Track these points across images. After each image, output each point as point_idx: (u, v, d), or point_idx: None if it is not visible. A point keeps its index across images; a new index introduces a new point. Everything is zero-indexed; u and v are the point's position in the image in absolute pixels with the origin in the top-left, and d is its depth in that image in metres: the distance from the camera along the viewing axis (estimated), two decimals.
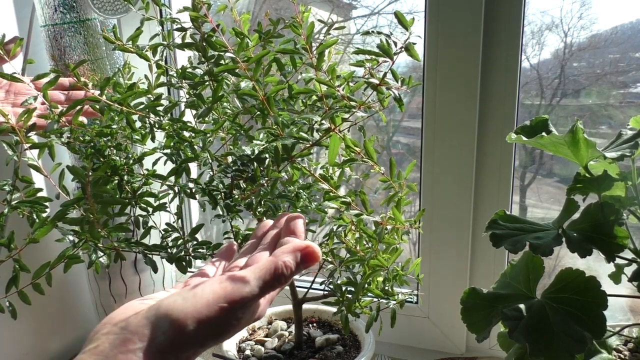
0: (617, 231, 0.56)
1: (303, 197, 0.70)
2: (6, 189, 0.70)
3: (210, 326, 0.36)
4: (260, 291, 0.38)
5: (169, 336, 0.35)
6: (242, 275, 0.39)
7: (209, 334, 0.37)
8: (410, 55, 0.56)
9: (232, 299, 0.37)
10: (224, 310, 0.37)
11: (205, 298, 0.37)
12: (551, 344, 0.54)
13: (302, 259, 0.41)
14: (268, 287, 0.39)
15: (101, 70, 0.90)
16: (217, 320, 0.37)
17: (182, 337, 0.36)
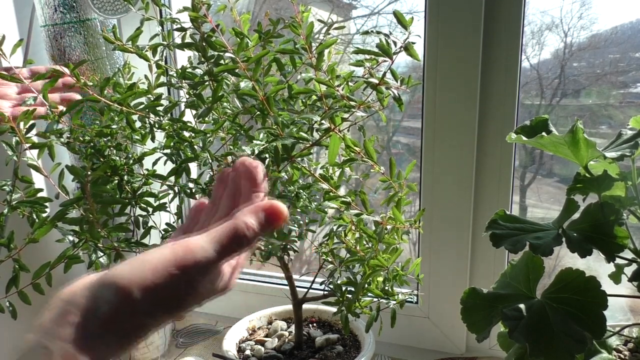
0: (617, 231, 0.56)
1: (303, 197, 0.70)
2: (6, 189, 0.70)
3: (158, 295, 0.33)
4: (218, 255, 0.35)
5: (114, 305, 0.32)
6: (196, 239, 0.35)
7: (158, 303, 0.33)
8: (409, 54, 0.56)
9: (184, 264, 0.34)
10: (174, 276, 0.33)
11: (154, 264, 0.33)
12: (551, 344, 0.54)
13: (267, 219, 0.37)
14: (227, 251, 0.35)
15: (101, 70, 0.90)
16: (166, 289, 0.33)
17: (128, 306, 0.32)
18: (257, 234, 0.36)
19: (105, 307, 0.32)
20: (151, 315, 0.34)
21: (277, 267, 0.79)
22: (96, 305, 0.32)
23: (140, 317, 0.33)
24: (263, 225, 0.36)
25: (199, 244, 0.35)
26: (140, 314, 0.33)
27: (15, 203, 0.69)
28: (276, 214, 0.37)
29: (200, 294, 0.36)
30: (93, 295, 0.33)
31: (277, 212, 0.37)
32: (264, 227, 0.36)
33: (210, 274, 0.36)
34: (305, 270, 1.34)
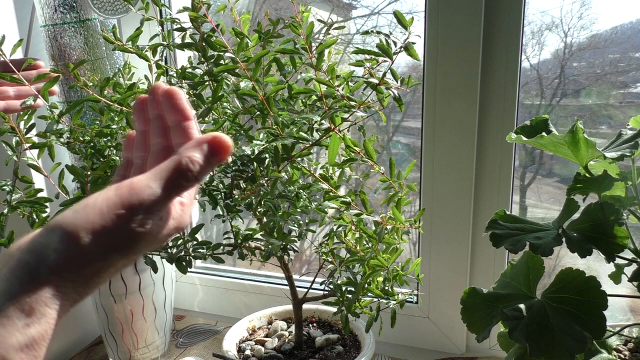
0: (617, 231, 0.56)
1: (303, 197, 0.70)
2: (6, 189, 0.70)
3: (109, 236, 0.32)
4: (165, 192, 0.34)
5: (61, 252, 0.31)
6: (139, 178, 0.34)
7: (110, 246, 0.32)
8: (409, 54, 0.56)
9: (130, 204, 0.33)
10: (122, 217, 0.32)
11: (99, 207, 0.32)
12: (551, 344, 0.54)
13: (211, 151, 0.36)
14: (174, 187, 0.35)
15: (101, 70, 0.90)
16: (115, 230, 0.32)
17: (77, 251, 0.31)
18: (202, 167, 0.35)
19: (53, 255, 0.31)
20: (105, 258, 0.33)
21: (277, 267, 0.79)
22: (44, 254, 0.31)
23: (94, 261, 0.32)
24: (208, 157, 0.36)
25: (144, 182, 0.34)
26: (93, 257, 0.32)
27: (15, 203, 0.69)
28: (220, 145, 0.36)
29: (151, 233, 0.35)
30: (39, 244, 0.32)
31: (220, 143, 0.36)
32: (209, 160, 0.36)
33: (159, 212, 0.35)
34: (305, 270, 1.34)
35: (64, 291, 0.31)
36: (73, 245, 0.31)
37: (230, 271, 1.20)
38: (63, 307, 0.31)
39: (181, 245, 0.72)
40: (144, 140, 0.41)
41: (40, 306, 0.30)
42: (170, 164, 0.35)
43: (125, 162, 0.43)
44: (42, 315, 0.30)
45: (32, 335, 0.29)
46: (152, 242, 0.35)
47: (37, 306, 0.30)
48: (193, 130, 0.39)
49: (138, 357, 1.01)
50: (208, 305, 1.20)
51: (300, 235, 0.74)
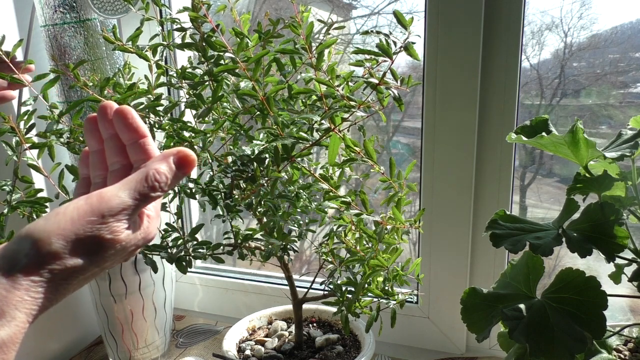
0: (617, 231, 0.56)
1: (303, 197, 0.70)
2: (6, 189, 0.70)
3: (79, 243, 0.33)
4: (133, 202, 0.36)
5: (32, 257, 0.32)
6: (109, 189, 0.36)
7: (80, 252, 0.33)
8: (409, 54, 0.56)
9: (100, 211, 0.34)
10: (92, 224, 0.34)
11: (69, 215, 0.34)
12: (551, 344, 0.54)
13: (177, 164, 0.38)
14: (142, 198, 0.36)
15: (101, 70, 0.90)
16: (86, 236, 0.33)
17: (48, 257, 0.32)
18: (169, 179, 0.38)
19: (24, 260, 0.32)
20: (75, 265, 0.34)
21: (277, 267, 0.79)
22: (16, 259, 0.32)
23: (64, 267, 0.33)
24: (173, 170, 0.38)
25: (113, 192, 0.35)
26: (63, 263, 0.33)
27: (15, 203, 0.69)
28: (185, 158, 0.38)
29: (120, 241, 0.36)
30: (11, 251, 0.32)
31: (185, 157, 0.38)
32: (175, 173, 0.38)
33: (127, 221, 0.36)
34: (305, 270, 1.34)
35: (34, 296, 0.32)
36: (44, 251, 0.32)
37: (230, 271, 1.20)
38: (32, 312, 0.32)
39: (181, 245, 0.72)
40: (101, 159, 0.42)
41: (11, 309, 0.31)
42: (138, 176, 0.37)
43: (83, 180, 0.43)
44: (12, 318, 0.31)
45: (1, 337, 0.30)
46: (121, 251, 0.36)
47: (8, 309, 0.30)
48: (151, 147, 0.40)
49: (138, 357, 1.01)
50: (208, 305, 1.20)
51: (300, 235, 0.74)
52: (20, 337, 0.31)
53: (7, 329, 0.30)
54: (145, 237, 0.39)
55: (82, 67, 0.88)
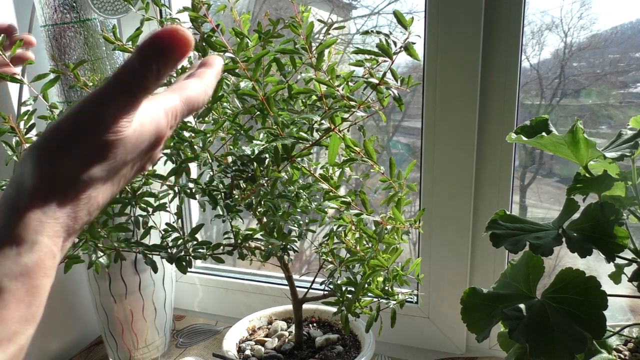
0: (617, 231, 0.56)
1: (303, 197, 0.70)
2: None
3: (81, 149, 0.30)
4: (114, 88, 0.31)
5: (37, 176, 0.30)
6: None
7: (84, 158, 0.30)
8: (409, 54, 0.56)
9: (86, 106, 0.31)
10: (87, 124, 0.30)
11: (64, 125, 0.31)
12: (551, 344, 0.54)
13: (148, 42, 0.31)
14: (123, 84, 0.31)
15: (101, 70, 0.90)
16: (86, 140, 0.30)
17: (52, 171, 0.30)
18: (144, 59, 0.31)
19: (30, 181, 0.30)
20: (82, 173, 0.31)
21: (277, 267, 0.79)
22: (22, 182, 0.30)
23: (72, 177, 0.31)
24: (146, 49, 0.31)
25: (97, 88, 0.32)
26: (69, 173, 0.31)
27: None
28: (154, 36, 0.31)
29: (124, 139, 0.32)
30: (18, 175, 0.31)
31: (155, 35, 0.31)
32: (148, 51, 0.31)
33: (119, 113, 0.32)
34: (305, 270, 1.34)
35: (54, 215, 0.30)
36: (47, 166, 0.30)
37: (230, 271, 1.20)
38: (57, 234, 0.30)
39: (181, 245, 0.72)
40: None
41: (30, 234, 0.29)
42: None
43: None
44: (33, 243, 0.29)
45: (25, 264, 0.29)
46: (132, 152, 0.33)
47: (26, 235, 0.29)
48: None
49: (138, 357, 1.01)
50: (208, 305, 1.20)
51: (300, 235, 0.74)
52: (49, 262, 0.30)
53: (31, 255, 0.29)
54: (158, 132, 0.35)
55: (82, 67, 0.88)
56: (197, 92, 0.37)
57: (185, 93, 0.36)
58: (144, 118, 0.33)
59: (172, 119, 0.36)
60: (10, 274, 0.28)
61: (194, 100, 0.37)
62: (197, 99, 0.37)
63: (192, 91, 0.37)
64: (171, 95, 0.36)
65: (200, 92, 0.37)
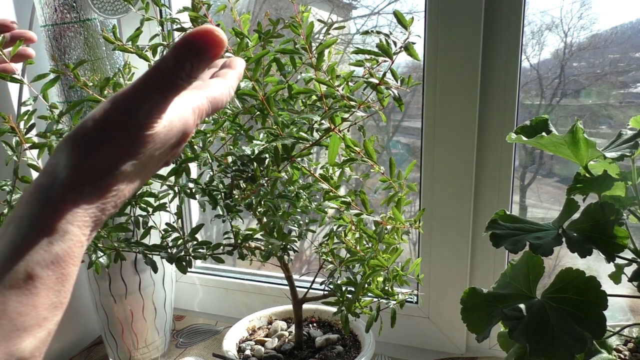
0: (617, 231, 0.56)
1: (303, 197, 0.70)
2: (6, 189, 0.70)
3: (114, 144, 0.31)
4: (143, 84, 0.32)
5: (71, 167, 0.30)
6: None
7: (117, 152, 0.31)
8: (409, 54, 0.56)
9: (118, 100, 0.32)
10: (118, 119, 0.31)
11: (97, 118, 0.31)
12: (551, 344, 0.54)
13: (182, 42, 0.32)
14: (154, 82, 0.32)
15: (101, 70, 0.90)
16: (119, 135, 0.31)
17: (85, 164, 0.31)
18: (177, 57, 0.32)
19: (64, 172, 0.31)
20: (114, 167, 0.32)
21: (277, 267, 0.79)
22: (56, 172, 0.31)
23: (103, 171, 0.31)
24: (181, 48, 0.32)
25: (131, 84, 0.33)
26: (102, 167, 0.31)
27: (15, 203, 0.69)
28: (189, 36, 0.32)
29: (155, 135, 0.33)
30: (51, 165, 0.31)
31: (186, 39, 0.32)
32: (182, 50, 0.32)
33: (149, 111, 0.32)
34: (305, 270, 1.34)
35: (84, 207, 0.31)
36: (80, 159, 0.31)
37: (230, 271, 1.20)
38: (86, 224, 0.31)
39: (181, 245, 0.72)
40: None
41: (61, 224, 0.30)
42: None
43: None
44: (64, 232, 0.30)
45: (56, 253, 0.29)
46: (160, 147, 0.34)
47: (58, 224, 0.30)
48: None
49: (138, 357, 1.01)
50: (208, 305, 1.20)
51: (300, 235, 0.74)
52: (77, 251, 0.31)
53: (62, 244, 0.30)
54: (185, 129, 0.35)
55: (82, 67, 0.88)
56: (221, 92, 0.38)
57: (211, 92, 0.37)
58: (174, 115, 0.34)
59: (198, 117, 0.36)
60: (42, 262, 0.29)
61: (219, 100, 0.38)
62: (222, 99, 0.38)
63: (217, 91, 0.38)
64: (198, 93, 0.37)
65: (225, 92, 0.39)
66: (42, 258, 0.29)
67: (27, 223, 0.30)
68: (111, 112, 0.32)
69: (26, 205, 0.30)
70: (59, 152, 0.32)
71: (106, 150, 0.31)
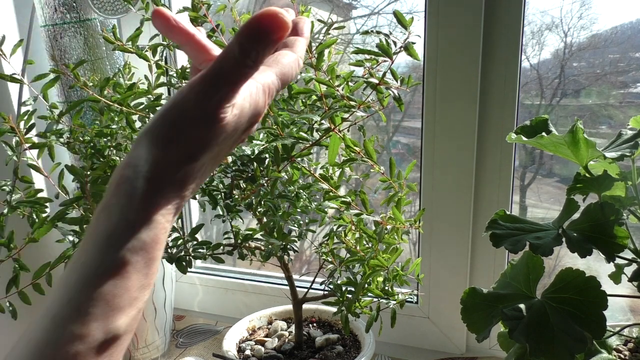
0: (617, 231, 0.56)
1: (303, 197, 0.70)
2: (6, 189, 0.70)
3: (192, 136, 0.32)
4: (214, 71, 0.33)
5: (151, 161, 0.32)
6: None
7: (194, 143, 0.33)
8: (409, 54, 0.56)
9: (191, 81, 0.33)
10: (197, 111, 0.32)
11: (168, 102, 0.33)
12: (551, 344, 0.54)
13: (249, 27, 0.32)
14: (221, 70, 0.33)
15: (101, 70, 0.90)
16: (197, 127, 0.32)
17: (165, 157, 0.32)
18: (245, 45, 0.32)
19: (145, 165, 0.32)
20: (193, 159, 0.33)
21: (277, 267, 0.79)
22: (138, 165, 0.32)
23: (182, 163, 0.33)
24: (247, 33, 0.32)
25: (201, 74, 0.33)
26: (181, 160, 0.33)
27: (15, 203, 0.69)
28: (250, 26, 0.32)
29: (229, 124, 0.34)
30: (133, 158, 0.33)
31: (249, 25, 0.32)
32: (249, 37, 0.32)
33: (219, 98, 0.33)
34: (305, 270, 1.34)
35: (166, 196, 0.33)
36: (158, 152, 0.32)
37: (230, 271, 1.20)
38: (169, 212, 0.33)
39: (181, 245, 0.72)
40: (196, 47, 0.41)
41: (147, 214, 0.32)
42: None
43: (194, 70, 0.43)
44: (150, 222, 0.32)
45: (144, 240, 0.31)
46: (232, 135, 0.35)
47: (144, 215, 0.32)
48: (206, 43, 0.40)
49: (138, 357, 1.00)
50: (208, 305, 1.20)
51: (300, 235, 0.74)
52: (162, 237, 0.33)
53: (148, 232, 0.32)
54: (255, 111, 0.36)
55: (82, 67, 0.88)
56: (290, 65, 0.38)
57: (279, 68, 0.37)
58: (244, 101, 0.34)
59: (269, 97, 0.37)
60: (132, 249, 0.31)
61: (288, 74, 0.38)
62: (291, 73, 0.38)
63: (286, 65, 0.37)
64: (268, 71, 0.37)
65: (294, 66, 0.38)
66: (132, 246, 0.31)
67: (116, 214, 0.31)
68: (182, 106, 0.33)
69: (113, 195, 0.32)
70: (139, 146, 0.33)
71: (182, 144, 0.33)
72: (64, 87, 0.91)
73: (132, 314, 0.31)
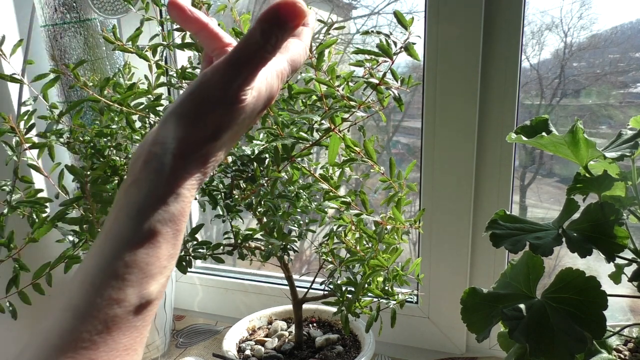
0: (617, 231, 0.56)
1: (303, 197, 0.70)
2: (6, 189, 0.70)
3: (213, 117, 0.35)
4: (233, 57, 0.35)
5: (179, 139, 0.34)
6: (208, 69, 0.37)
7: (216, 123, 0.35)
8: (409, 54, 0.56)
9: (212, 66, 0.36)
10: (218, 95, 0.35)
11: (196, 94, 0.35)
12: (551, 344, 0.54)
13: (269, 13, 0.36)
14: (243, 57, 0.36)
15: (101, 70, 0.90)
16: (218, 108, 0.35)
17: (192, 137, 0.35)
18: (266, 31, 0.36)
19: (173, 143, 0.34)
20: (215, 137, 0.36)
21: (277, 267, 0.79)
22: (166, 143, 0.34)
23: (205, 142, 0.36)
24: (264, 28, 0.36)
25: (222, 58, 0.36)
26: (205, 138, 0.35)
27: (15, 203, 0.69)
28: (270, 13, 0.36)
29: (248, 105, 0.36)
30: (161, 137, 0.35)
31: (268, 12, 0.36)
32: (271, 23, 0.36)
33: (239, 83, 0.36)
34: (305, 270, 1.34)
35: (191, 171, 0.35)
36: (184, 131, 0.35)
37: (230, 271, 1.20)
38: (193, 186, 0.36)
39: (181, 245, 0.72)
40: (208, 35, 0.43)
41: (175, 188, 0.34)
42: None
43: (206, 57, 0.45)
44: (178, 195, 0.34)
45: (172, 212, 0.34)
46: (250, 116, 0.37)
47: (172, 189, 0.34)
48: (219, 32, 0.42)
49: None
50: (208, 305, 1.20)
51: (300, 235, 0.74)
52: (187, 209, 0.35)
53: (176, 205, 0.34)
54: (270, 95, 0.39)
55: (82, 67, 0.88)
56: (299, 52, 0.41)
57: (290, 55, 0.40)
58: (261, 84, 0.37)
59: (281, 81, 0.40)
60: (162, 221, 0.34)
61: (297, 61, 0.41)
62: (300, 60, 0.41)
63: (295, 52, 0.40)
64: (280, 57, 0.39)
65: (302, 53, 0.41)
66: (162, 217, 0.34)
67: (146, 187, 0.34)
68: (205, 88, 0.35)
69: (141, 170, 0.34)
70: (166, 124, 0.35)
71: (206, 124, 0.35)
72: (64, 87, 0.91)
73: (162, 281, 0.34)
